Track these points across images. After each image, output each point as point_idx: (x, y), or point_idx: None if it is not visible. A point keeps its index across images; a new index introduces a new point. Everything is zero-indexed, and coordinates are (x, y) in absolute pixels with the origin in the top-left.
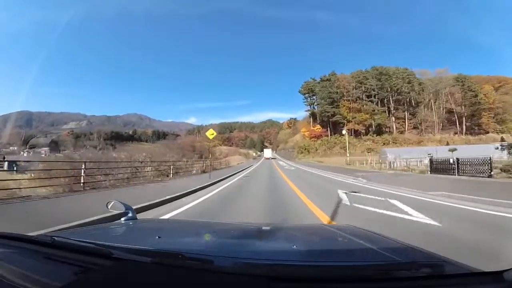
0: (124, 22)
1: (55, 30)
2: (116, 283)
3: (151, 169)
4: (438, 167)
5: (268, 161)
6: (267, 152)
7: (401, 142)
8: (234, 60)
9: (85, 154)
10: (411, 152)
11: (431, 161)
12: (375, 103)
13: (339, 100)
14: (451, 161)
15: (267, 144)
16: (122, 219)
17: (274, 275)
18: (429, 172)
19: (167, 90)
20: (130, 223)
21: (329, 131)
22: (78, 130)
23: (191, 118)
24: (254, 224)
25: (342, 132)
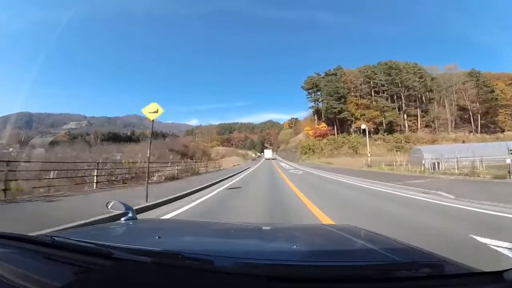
0: (124, 22)
1: (55, 30)
2: (116, 283)
3: (101, 174)
4: None
5: (268, 162)
6: (268, 153)
7: (414, 141)
8: (234, 60)
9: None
10: (451, 151)
11: None
12: (385, 99)
13: (347, 96)
14: None
15: (267, 145)
16: (122, 219)
17: (274, 275)
18: None
19: (168, 91)
20: (130, 223)
21: (335, 130)
22: (77, 131)
23: (193, 119)
24: (254, 224)
25: (349, 131)
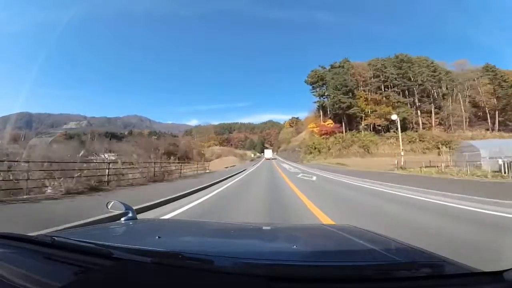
0: (124, 22)
1: (54, 30)
2: (116, 283)
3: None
4: None
5: (268, 162)
6: (268, 153)
7: (429, 140)
8: (234, 60)
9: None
10: (508, 147)
11: None
12: (397, 94)
13: (356, 90)
14: None
15: (267, 145)
16: (122, 219)
17: (274, 275)
18: None
19: (168, 92)
20: (130, 223)
21: (343, 127)
22: (76, 131)
23: (193, 120)
24: (254, 224)
25: (359, 128)
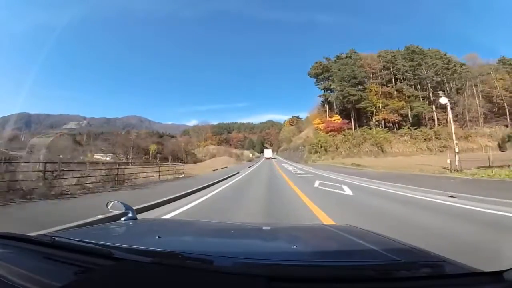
0: (124, 23)
1: (54, 31)
2: (116, 283)
3: None
4: None
5: (268, 163)
6: (268, 152)
7: (445, 137)
8: (234, 61)
9: None
10: None
11: None
12: (411, 88)
13: (366, 82)
14: None
15: (267, 145)
16: (122, 219)
17: (274, 275)
18: None
19: (168, 93)
20: (130, 223)
21: (353, 123)
22: (75, 132)
23: (192, 120)
24: (254, 224)
25: (369, 124)
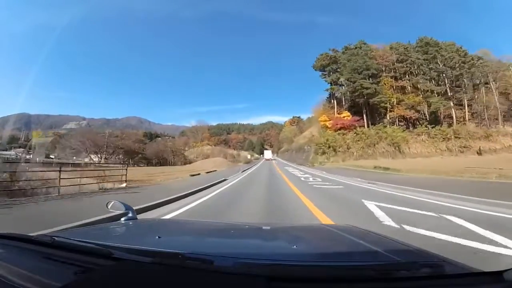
0: (124, 24)
1: (54, 31)
2: (116, 283)
3: None
4: None
5: (268, 165)
6: (268, 154)
7: (465, 136)
8: (233, 62)
9: None
10: None
11: None
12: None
13: (379, 75)
14: None
15: (267, 147)
16: (122, 219)
17: (274, 275)
18: None
19: (168, 94)
20: (130, 223)
21: (365, 120)
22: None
23: (192, 121)
24: (254, 224)
25: (383, 122)
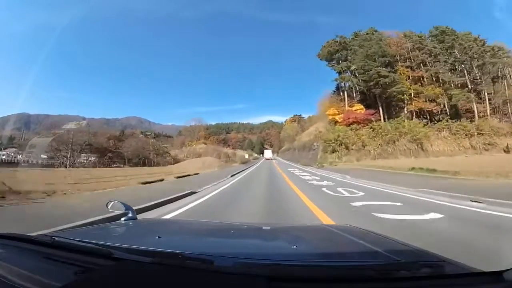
0: (124, 24)
1: (54, 32)
2: (116, 283)
3: None
4: None
5: (268, 167)
6: (267, 153)
7: (489, 132)
8: (233, 63)
9: None
10: None
11: None
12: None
13: (395, 64)
14: None
15: (267, 146)
16: (122, 219)
17: (274, 275)
18: None
19: (168, 94)
20: (130, 223)
21: (381, 113)
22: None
23: (192, 122)
24: (254, 224)
25: (400, 116)
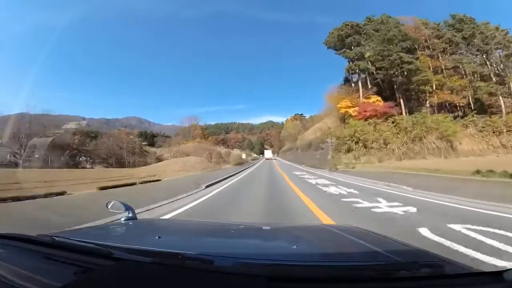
0: (124, 24)
1: (54, 31)
2: (116, 283)
3: None
4: None
5: (268, 171)
6: (268, 153)
7: None
8: (233, 63)
9: None
10: None
11: None
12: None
13: (415, 52)
14: None
15: (267, 147)
16: (122, 219)
17: (274, 275)
18: None
19: (168, 94)
20: (130, 223)
21: (403, 105)
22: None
23: (186, 120)
24: (254, 224)
25: (422, 109)
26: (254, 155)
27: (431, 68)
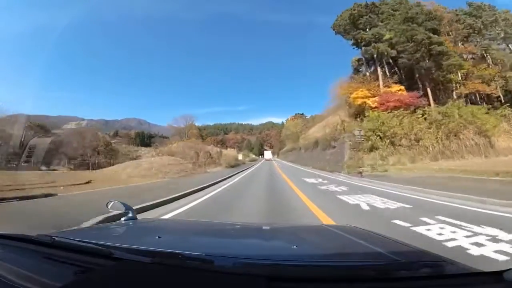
0: (124, 25)
1: (54, 32)
2: (116, 283)
3: None
4: None
5: (269, 170)
6: (267, 154)
7: None
8: (234, 64)
9: None
10: None
11: None
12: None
13: (440, 35)
14: None
15: (267, 148)
16: (122, 219)
17: (274, 275)
18: None
19: (168, 95)
20: (130, 223)
21: (430, 95)
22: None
23: (180, 120)
24: (254, 224)
25: (449, 100)
26: (253, 156)
27: (456, 54)
